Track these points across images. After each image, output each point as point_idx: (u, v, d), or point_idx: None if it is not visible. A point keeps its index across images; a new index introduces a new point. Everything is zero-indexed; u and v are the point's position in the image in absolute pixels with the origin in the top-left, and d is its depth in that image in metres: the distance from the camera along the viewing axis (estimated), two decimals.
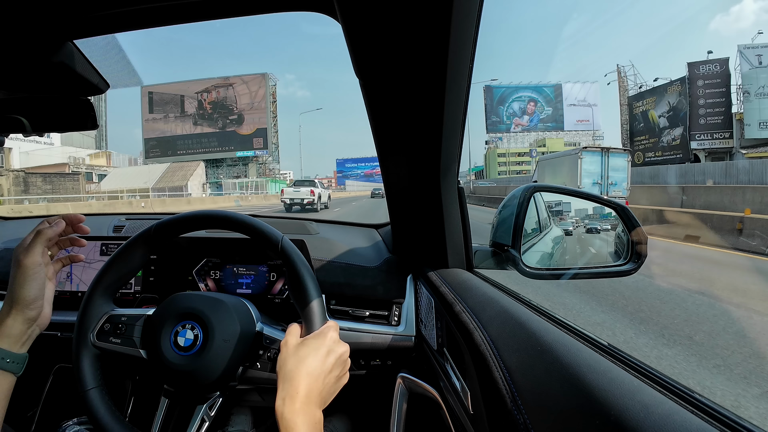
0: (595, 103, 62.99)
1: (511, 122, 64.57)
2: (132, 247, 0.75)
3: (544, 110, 63.53)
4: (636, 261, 0.88)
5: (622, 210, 0.90)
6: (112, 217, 1.46)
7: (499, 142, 66.50)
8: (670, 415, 0.33)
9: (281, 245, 0.72)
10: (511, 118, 64.32)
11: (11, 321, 0.64)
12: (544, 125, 63.86)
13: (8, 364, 0.62)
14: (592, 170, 11.24)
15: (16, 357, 0.63)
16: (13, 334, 0.63)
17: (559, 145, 59.61)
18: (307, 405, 0.56)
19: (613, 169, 11.32)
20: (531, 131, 64.83)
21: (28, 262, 0.65)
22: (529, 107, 63.84)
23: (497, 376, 0.50)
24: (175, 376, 0.68)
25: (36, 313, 0.66)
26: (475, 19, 0.53)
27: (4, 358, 0.62)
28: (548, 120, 63.90)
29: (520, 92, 63.42)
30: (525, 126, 64.33)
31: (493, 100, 62.94)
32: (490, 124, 64.17)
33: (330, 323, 0.67)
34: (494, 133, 65.94)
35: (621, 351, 0.47)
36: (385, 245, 1.22)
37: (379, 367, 1.03)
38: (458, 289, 0.78)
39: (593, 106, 63.05)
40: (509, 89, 63.29)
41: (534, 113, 63.83)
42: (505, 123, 64.61)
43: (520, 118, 63.99)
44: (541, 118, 63.98)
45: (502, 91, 63.17)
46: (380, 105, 0.67)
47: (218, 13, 0.64)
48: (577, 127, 63.12)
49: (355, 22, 0.51)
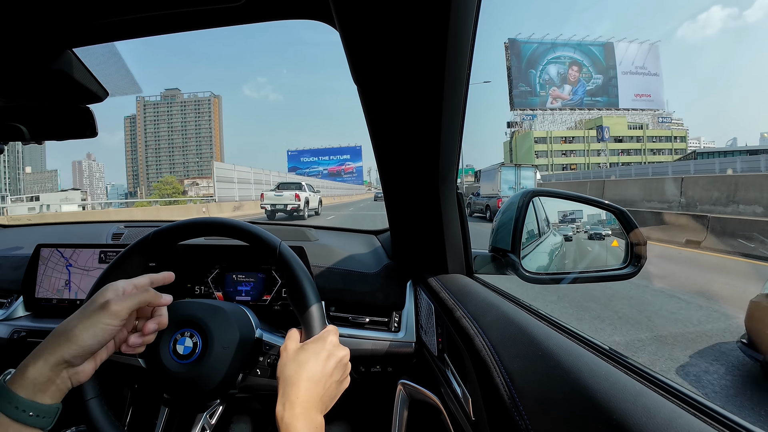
0: (657, 71, 45.94)
1: (547, 94, 45.45)
2: (130, 254, 0.74)
3: (592, 78, 45.84)
4: (635, 264, 0.88)
5: (621, 213, 0.90)
6: (110, 225, 1.45)
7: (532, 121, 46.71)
8: (673, 419, 0.33)
9: (279, 251, 0.72)
10: (547, 87, 45.41)
11: (39, 365, 0.49)
12: (592, 100, 46.30)
13: (29, 418, 0.47)
14: (509, 179, 16.09)
15: (39, 410, 0.48)
16: (38, 381, 0.49)
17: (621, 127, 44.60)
18: (308, 410, 0.55)
19: (524, 178, 16.22)
20: (575, 108, 45.92)
21: (114, 309, 0.53)
22: (572, 73, 45.40)
23: (498, 381, 0.50)
24: (174, 385, 0.68)
25: (74, 361, 0.52)
26: (472, 24, 0.53)
27: (25, 411, 0.47)
28: (597, 93, 46.21)
29: (559, 51, 44.76)
30: (567, 100, 45.87)
31: (521, 60, 43.39)
32: (517, 96, 45.08)
33: (330, 327, 0.67)
34: (523, 110, 45.78)
35: (622, 355, 0.47)
36: (384, 251, 1.22)
37: (380, 374, 1.02)
38: (458, 295, 0.77)
39: (654, 76, 45.91)
40: (543, 45, 44.09)
41: (578, 82, 45.51)
42: (538, 94, 45.52)
43: (559, 88, 45.70)
44: (587, 89, 46.26)
45: (534, 47, 43.52)
46: (378, 112, 0.67)
47: (215, 22, 0.64)
48: (636, 103, 45.97)
49: (353, 29, 0.51)
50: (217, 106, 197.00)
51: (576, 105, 46.55)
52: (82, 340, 0.51)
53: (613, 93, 46.31)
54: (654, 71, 45.68)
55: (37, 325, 1.07)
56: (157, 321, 0.61)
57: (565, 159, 49.11)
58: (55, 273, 1.13)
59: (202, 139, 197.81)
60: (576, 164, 48.58)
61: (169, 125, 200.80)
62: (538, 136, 47.21)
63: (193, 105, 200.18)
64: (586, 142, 49.78)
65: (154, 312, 0.61)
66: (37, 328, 1.06)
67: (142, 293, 0.57)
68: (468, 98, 0.66)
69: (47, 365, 0.50)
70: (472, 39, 0.56)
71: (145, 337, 0.60)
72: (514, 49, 41.71)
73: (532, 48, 43.67)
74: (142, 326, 0.60)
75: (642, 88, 46.25)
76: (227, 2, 0.57)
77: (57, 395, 0.51)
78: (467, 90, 0.64)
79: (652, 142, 50.40)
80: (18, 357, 0.62)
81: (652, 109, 45.39)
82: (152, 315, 0.61)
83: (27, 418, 0.47)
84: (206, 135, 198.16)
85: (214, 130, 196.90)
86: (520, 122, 47.43)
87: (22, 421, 0.47)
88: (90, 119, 0.82)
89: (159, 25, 0.65)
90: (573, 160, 49.31)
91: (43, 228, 1.61)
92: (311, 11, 0.61)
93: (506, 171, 16.20)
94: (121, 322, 0.55)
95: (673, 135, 50.24)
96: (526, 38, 43.03)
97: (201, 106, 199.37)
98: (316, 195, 19.05)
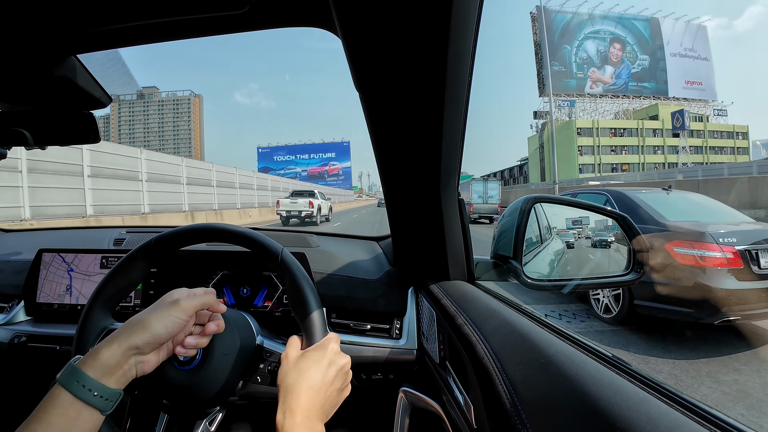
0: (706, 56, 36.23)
1: (585, 76, 35.77)
2: (132, 260, 0.74)
3: (637, 59, 36.34)
4: (638, 270, 0.87)
5: (623, 219, 0.90)
6: (112, 230, 1.46)
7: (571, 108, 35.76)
8: (677, 426, 0.32)
9: (281, 257, 0.72)
10: (585, 67, 35.68)
11: (115, 346, 0.53)
12: (638, 86, 36.65)
13: (94, 398, 0.50)
14: (478, 190, 19.81)
15: (105, 391, 0.51)
16: (109, 364, 0.52)
17: None
18: (309, 418, 0.55)
19: (491, 189, 20.00)
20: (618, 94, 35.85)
21: (184, 305, 0.59)
22: (614, 52, 35.79)
23: (500, 389, 0.50)
24: (174, 391, 0.68)
25: (144, 348, 0.56)
26: (473, 31, 0.54)
27: (91, 390, 0.50)
28: (644, 77, 36.67)
29: (597, 25, 35.57)
30: (609, 84, 36.19)
31: (553, 33, 34.24)
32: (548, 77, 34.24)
33: (331, 335, 0.67)
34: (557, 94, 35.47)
35: (626, 362, 0.47)
36: (385, 258, 1.22)
37: (381, 381, 1.01)
38: (460, 302, 0.77)
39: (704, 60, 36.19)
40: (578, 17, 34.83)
41: (622, 63, 35.91)
42: (575, 76, 35.44)
43: (599, 69, 35.82)
44: (632, 71, 36.43)
45: (567, 19, 34.49)
46: (380, 118, 0.68)
47: (219, 29, 0.65)
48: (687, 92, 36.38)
49: (356, 37, 0.51)
50: (197, 106, 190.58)
51: (620, 91, 37.21)
52: (155, 328, 0.57)
53: (662, 78, 37.49)
54: (704, 55, 37.34)
55: (37, 329, 1.07)
56: (216, 323, 0.65)
57: (614, 158, 39.41)
58: (56, 278, 1.13)
59: (181, 141, 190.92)
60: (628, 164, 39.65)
61: (145, 126, 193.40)
62: (583, 126, 37.08)
63: (172, 104, 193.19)
64: (640, 135, 40.67)
65: (211, 317, 0.66)
66: (38, 332, 1.06)
67: (206, 296, 0.63)
68: (483, 95, 0.66)
69: (120, 348, 0.54)
70: (473, 45, 0.56)
71: (201, 340, 0.64)
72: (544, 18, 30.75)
73: (565, 19, 34.97)
74: (200, 331, 0.64)
75: (693, 74, 37.43)
76: (231, 9, 0.58)
77: (122, 381, 0.54)
78: (469, 96, 0.65)
79: (714, 138, 44.02)
80: (19, 362, 0.62)
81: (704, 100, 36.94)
82: (210, 319, 0.66)
83: (91, 398, 0.50)
84: (185, 137, 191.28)
85: (193, 131, 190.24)
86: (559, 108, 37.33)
87: (86, 400, 0.50)
88: (93, 125, 0.83)
89: (163, 32, 0.65)
90: (625, 159, 39.90)
91: (45, 233, 1.62)
92: (314, 19, 0.61)
93: (476, 184, 20.18)
94: (189, 317, 0.61)
95: (735, 131, 42.07)
96: (558, 7, 34.51)
97: (180, 106, 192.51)
98: (327, 202, 20.61)
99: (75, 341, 0.70)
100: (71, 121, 0.82)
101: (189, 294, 0.63)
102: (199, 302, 0.62)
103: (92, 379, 0.51)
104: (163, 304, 0.60)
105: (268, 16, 0.62)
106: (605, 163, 38.93)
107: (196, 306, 0.61)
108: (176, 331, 0.59)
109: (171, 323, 0.58)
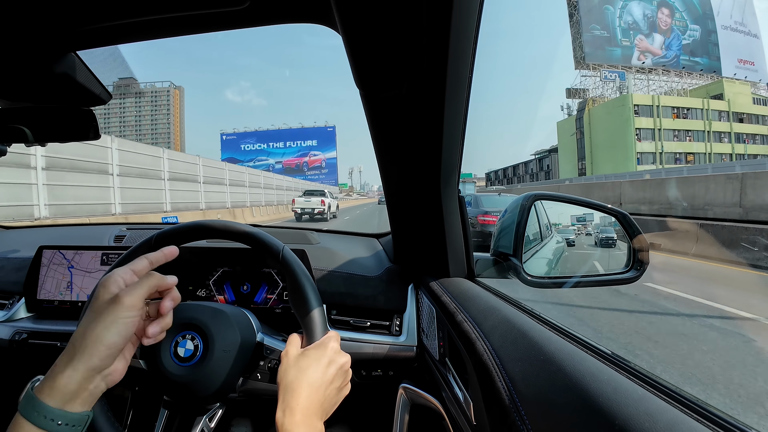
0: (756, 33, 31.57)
1: (632, 43, 30.29)
2: (132, 256, 0.74)
3: (688, 29, 31.18)
4: (638, 269, 0.87)
5: (623, 217, 0.90)
6: (113, 227, 1.46)
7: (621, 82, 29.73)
8: (676, 423, 0.33)
9: (282, 255, 0.72)
10: (631, 34, 30.18)
11: (70, 373, 0.47)
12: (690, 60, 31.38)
13: (57, 427, 0.45)
14: None
15: (68, 418, 0.46)
16: (70, 390, 0.47)
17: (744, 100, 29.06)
18: (308, 416, 0.55)
19: (467, 189, 20.68)
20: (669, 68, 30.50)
21: (128, 302, 0.51)
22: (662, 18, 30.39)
23: (500, 386, 0.50)
24: (174, 387, 0.68)
25: (105, 363, 0.50)
26: (474, 28, 0.54)
27: (53, 420, 0.45)
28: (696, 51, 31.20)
29: None
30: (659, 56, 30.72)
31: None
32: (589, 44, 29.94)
33: (331, 333, 0.67)
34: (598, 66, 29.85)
35: (625, 359, 0.47)
36: (386, 255, 1.22)
37: (381, 378, 1.02)
38: (460, 299, 0.77)
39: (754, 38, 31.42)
40: None
41: (671, 32, 30.72)
42: (620, 43, 29.69)
43: (647, 37, 30.18)
44: (683, 42, 31.37)
45: None
46: (380, 116, 0.68)
47: (219, 25, 0.65)
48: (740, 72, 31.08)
49: (356, 32, 0.51)
50: (177, 98, 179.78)
51: (671, 65, 30.39)
52: (107, 340, 0.49)
53: (714, 53, 30.99)
54: (753, 31, 32.11)
55: (38, 326, 1.07)
56: (171, 299, 0.58)
57: (678, 145, 30.87)
58: (57, 275, 1.13)
59: (159, 136, 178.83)
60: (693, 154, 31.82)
61: (121, 119, 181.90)
62: (641, 103, 28.79)
63: (150, 96, 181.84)
64: (706, 118, 32.51)
65: (164, 294, 0.59)
66: (39, 329, 1.06)
67: (149, 279, 0.55)
68: (483, 94, 0.66)
69: (78, 373, 0.48)
70: (474, 42, 0.56)
71: (164, 322, 0.57)
72: None
73: None
74: (155, 311, 0.57)
75: (745, 52, 31.93)
76: (231, 5, 0.58)
77: (90, 401, 0.49)
78: (469, 93, 0.65)
79: None
80: (19, 359, 0.62)
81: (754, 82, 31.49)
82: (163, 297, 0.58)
83: (55, 427, 0.45)
84: (164, 131, 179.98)
85: (173, 125, 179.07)
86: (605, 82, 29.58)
87: (48, 430, 0.45)
88: (93, 122, 0.83)
89: (163, 28, 0.65)
90: (689, 147, 31.64)
91: (46, 230, 1.62)
92: (315, 15, 0.61)
93: None
94: (139, 312, 0.53)
95: None
96: None
97: (159, 98, 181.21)
98: (335, 201, 23.36)
99: None
100: (71, 118, 0.82)
101: (128, 281, 0.54)
102: (144, 291, 0.53)
103: (53, 408, 0.46)
104: (101, 304, 0.51)
105: (269, 13, 0.62)
106: (668, 152, 31.45)
107: (142, 296, 0.53)
108: (131, 331, 0.52)
109: (123, 327, 0.51)
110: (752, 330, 3.43)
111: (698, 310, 4.09)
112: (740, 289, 5.10)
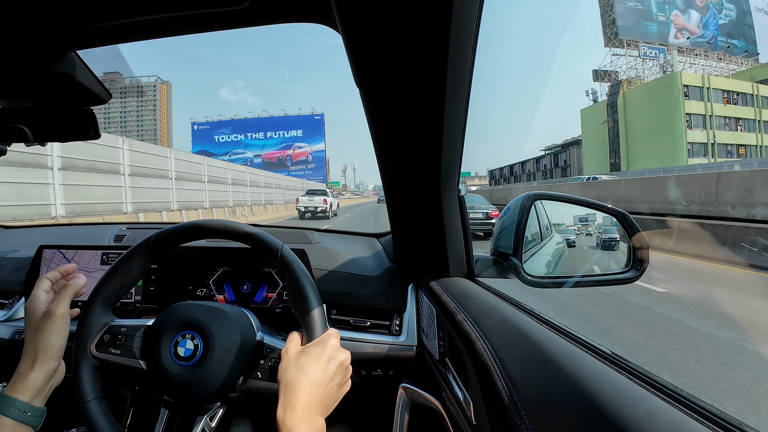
0: None
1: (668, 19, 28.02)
2: (132, 256, 0.74)
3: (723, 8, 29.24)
4: (638, 268, 0.87)
5: (623, 216, 0.90)
6: (113, 227, 1.46)
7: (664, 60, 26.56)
8: (676, 423, 0.33)
9: (281, 254, 0.72)
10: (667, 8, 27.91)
11: (35, 374, 0.63)
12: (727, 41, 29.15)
13: (29, 418, 0.61)
14: None
15: (36, 411, 0.62)
16: (36, 387, 0.63)
17: None
18: (309, 413, 0.55)
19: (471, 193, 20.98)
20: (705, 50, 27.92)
21: (60, 313, 0.66)
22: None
23: (500, 386, 0.50)
24: (175, 387, 0.68)
25: (57, 364, 0.66)
26: (474, 27, 0.53)
27: (26, 412, 0.61)
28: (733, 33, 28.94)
29: None
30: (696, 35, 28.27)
31: None
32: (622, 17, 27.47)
33: (331, 331, 0.67)
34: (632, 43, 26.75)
35: (625, 359, 0.47)
36: (386, 254, 1.22)
37: (381, 378, 1.02)
38: (460, 299, 0.77)
39: None
40: None
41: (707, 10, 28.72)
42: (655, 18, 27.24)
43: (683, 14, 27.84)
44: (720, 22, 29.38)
45: None
46: (381, 115, 0.67)
47: (219, 25, 0.65)
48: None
49: (357, 33, 0.51)
50: (164, 93, 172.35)
51: (710, 46, 27.75)
52: (57, 344, 0.65)
53: (750, 37, 28.55)
54: None
55: None
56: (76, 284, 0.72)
57: (730, 135, 26.78)
58: None
59: (145, 132, 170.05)
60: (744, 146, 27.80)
61: (106, 115, 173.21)
62: (690, 83, 24.86)
63: (135, 92, 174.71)
64: (756, 105, 28.59)
65: None
66: None
67: (66, 289, 0.69)
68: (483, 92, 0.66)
69: (41, 374, 0.63)
70: (474, 41, 0.56)
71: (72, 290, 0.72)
72: None
73: None
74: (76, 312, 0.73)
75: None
76: (231, 5, 0.58)
77: (44, 399, 0.65)
78: (469, 93, 0.65)
79: None
80: (19, 358, 0.63)
81: None
82: None
83: (27, 419, 0.60)
84: (150, 128, 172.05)
85: (160, 121, 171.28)
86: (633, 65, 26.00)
87: (23, 421, 0.60)
88: (93, 121, 0.83)
89: (163, 28, 0.65)
90: (741, 139, 27.66)
91: (46, 229, 1.62)
92: (315, 15, 0.61)
93: None
94: (68, 317, 0.68)
95: None
96: None
97: (145, 93, 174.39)
98: (336, 199, 24.58)
99: (75, 339, 0.70)
100: (71, 117, 0.82)
101: (55, 298, 0.68)
102: (67, 299, 0.68)
103: (24, 402, 0.61)
104: (38, 319, 0.66)
105: (269, 12, 0.62)
106: (720, 143, 26.85)
107: (67, 304, 0.68)
108: (68, 333, 0.67)
109: (63, 332, 0.66)
110: None
111: None
112: None
